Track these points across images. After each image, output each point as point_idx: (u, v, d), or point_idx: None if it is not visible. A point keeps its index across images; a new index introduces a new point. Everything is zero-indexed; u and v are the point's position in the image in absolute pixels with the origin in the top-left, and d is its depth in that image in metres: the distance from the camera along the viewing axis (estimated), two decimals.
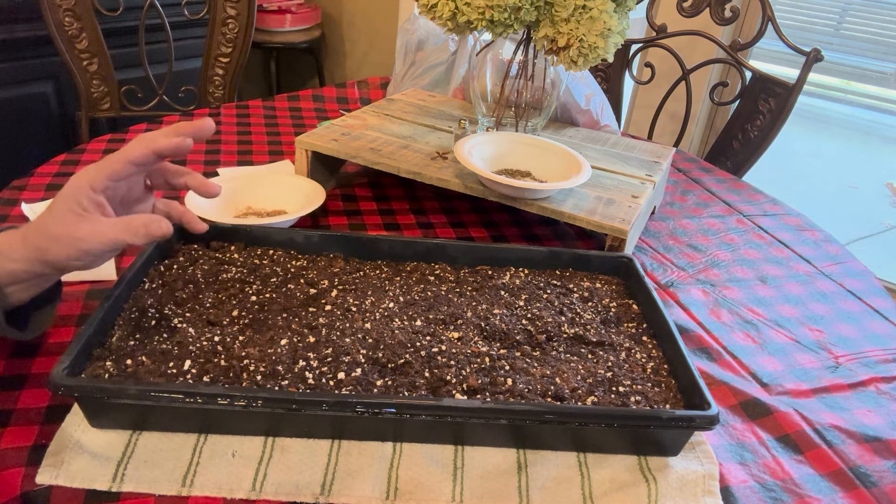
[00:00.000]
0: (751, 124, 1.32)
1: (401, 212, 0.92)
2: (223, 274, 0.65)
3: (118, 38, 1.57)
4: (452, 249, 0.73)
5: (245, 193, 0.85)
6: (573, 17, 0.77)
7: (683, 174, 1.14)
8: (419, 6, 0.82)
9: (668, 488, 0.52)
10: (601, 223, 0.79)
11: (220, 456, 0.51)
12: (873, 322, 0.78)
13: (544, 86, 0.93)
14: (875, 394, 0.66)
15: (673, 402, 0.56)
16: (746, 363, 0.69)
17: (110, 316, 0.57)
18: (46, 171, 0.93)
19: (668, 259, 0.87)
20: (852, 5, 1.93)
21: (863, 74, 1.99)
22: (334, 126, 0.96)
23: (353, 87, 1.36)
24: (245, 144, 1.08)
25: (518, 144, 0.90)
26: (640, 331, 0.65)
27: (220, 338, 0.56)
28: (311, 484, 0.50)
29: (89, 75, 1.51)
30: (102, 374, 0.51)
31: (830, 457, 0.58)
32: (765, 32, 1.26)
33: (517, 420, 0.52)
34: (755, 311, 0.78)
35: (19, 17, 1.65)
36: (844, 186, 2.41)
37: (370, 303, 0.63)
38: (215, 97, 1.64)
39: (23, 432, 0.51)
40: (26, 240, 0.52)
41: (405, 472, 0.52)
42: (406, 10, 2.32)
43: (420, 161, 0.89)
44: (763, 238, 0.95)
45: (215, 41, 1.58)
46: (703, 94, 1.82)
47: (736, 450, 0.58)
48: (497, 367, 0.57)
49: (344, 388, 0.53)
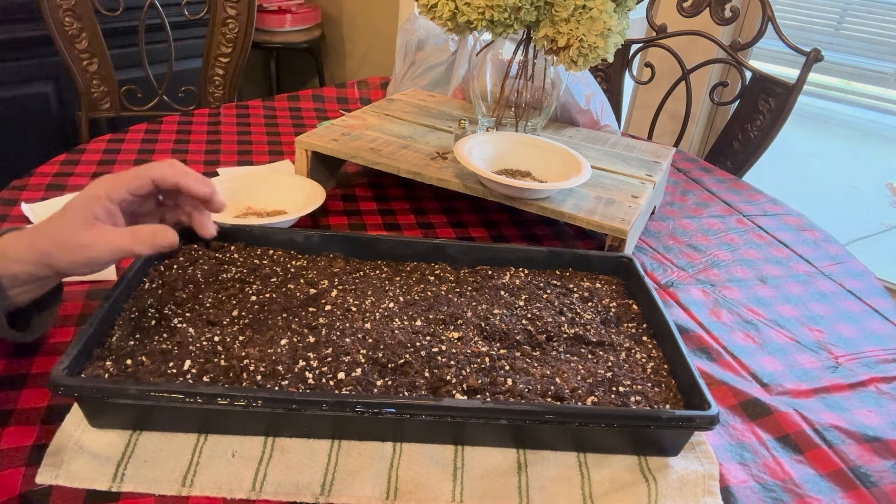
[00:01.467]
0: (751, 124, 1.32)
1: (401, 212, 0.92)
2: (223, 274, 0.65)
3: (118, 38, 1.57)
4: (452, 249, 0.73)
5: (245, 193, 0.85)
6: (573, 17, 0.77)
7: (683, 174, 1.14)
8: (419, 6, 0.82)
9: (668, 488, 0.52)
10: (601, 223, 0.79)
11: (220, 456, 0.51)
12: (873, 322, 0.78)
13: (544, 86, 0.93)
14: (875, 394, 0.66)
15: (673, 402, 0.56)
16: (746, 363, 0.69)
17: (110, 316, 0.57)
18: (46, 171, 0.93)
19: (668, 259, 0.87)
20: (852, 5, 1.93)
21: (863, 74, 1.99)
22: (334, 126, 0.96)
23: (353, 87, 1.36)
24: (245, 144, 1.08)
25: (518, 144, 0.90)
26: (640, 331, 0.65)
27: (220, 338, 0.56)
28: (311, 484, 0.50)
29: (89, 75, 1.51)
30: (102, 374, 0.51)
31: (830, 457, 0.58)
32: (765, 32, 1.26)
33: (517, 420, 0.52)
34: (755, 311, 0.78)
35: (19, 17, 1.65)
36: (844, 186, 2.41)
37: (370, 303, 0.63)
38: (215, 97, 1.64)
39: (23, 432, 0.51)
40: (33, 243, 0.52)
41: (405, 472, 0.52)
42: (406, 10, 2.32)
43: (420, 161, 0.89)
44: (763, 238, 0.95)
45: (215, 41, 1.58)
46: (703, 94, 1.83)
47: (736, 450, 0.58)
48: (497, 367, 0.57)
49: (344, 388, 0.53)
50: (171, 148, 1.04)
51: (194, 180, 0.57)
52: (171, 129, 1.11)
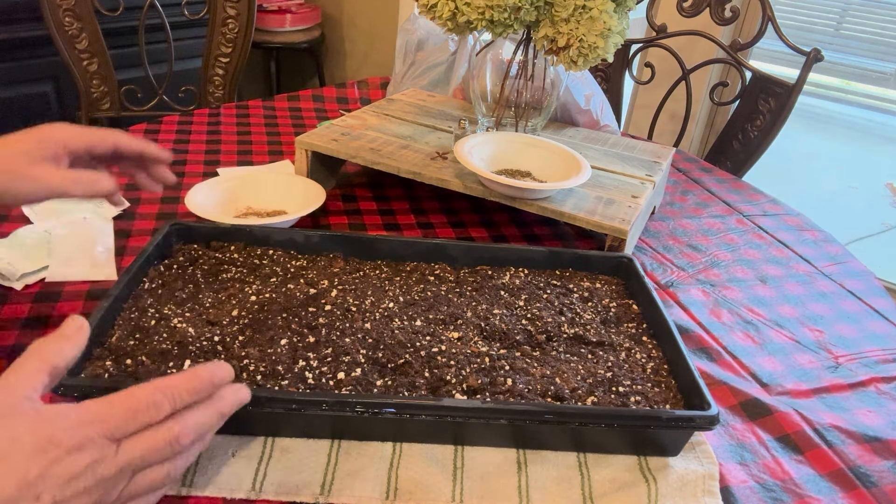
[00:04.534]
0: (751, 124, 1.32)
1: (401, 212, 0.92)
2: (223, 274, 0.65)
3: (118, 38, 1.57)
4: (452, 249, 0.73)
5: (245, 193, 0.85)
6: (573, 17, 0.77)
7: (683, 174, 1.14)
8: (419, 6, 0.82)
9: (668, 488, 0.52)
10: (601, 223, 0.79)
11: (219, 456, 0.51)
12: (873, 322, 0.78)
13: (544, 86, 0.93)
14: (875, 394, 0.66)
15: (673, 402, 0.56)
16: (746, 363, 0.69)
17: (110, 316, 0.57)
18: None
19: (668, 259, 0.87)
20: (852, 5, 1.93)
21: (863, 74, 1.99)
22: (334, 126, 0.96)
23: (353, 87, 1.36)
24: (245, 144, 1.08)
25: (518, 144, 0.90)
26: (639, 331, 0.65)
27: (219, 338, 0.56)
28: (311, 484, 0.50)
29: (89, 75, 1.51)
30: (102, 374, 0.51)
31: (830, 457, 0.58)
32: (765, 32, 1.26)
33: (517, 420, 0.52)
34: (755, 311, 0.78)
35: (19, 17, 1.65)
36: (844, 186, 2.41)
37: (370, 303, 0.63)
38: (215, 97, 1.64)
39: None
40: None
41: (405, 472, 0.52)
42: (406, 10, 2.32)
43: (420, 161, 0.89)
44: (763, 238, 0.95)
45: (215, 41, 1.58)
46: (703, 94, 1.82)
47: (736, 450, 0.58)
48: (497, 367, 0.57)
49: (344, 388, 0.53)
50: (171, 148, 1.04)
51: (156, 147, 0.62)
52: (171, 130, 1.11)
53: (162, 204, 0.86)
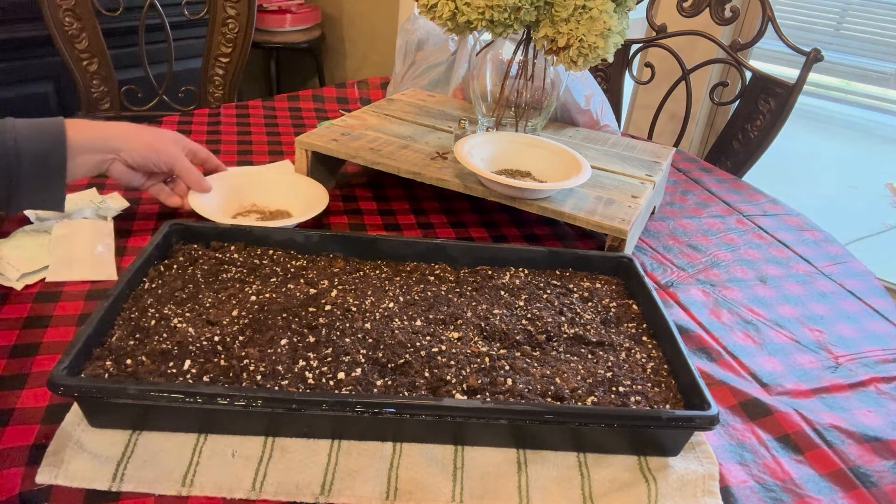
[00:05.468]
0: (751, 124, 1.32)
1: (401, 212, 0.92)
2: (223, 274, 0.65)
3: (118, 38, 1.57)
4: (452, 249, 0.73)
5: (248, 192, 0.85)
6: (573, 17, 0.77)
7: (683, 174, 1.14)
8: (419, 6, 0.82)
9: (668, 488, 0.52)
10: (601, 223, 0.79)
11: (219, 456, 0.51)
12: (873, 322, 0.78)
13: (544, 86, 0.93)
14: (875, 394, 0.66)
15: (673, 402, 0.56)
16: (746, 363, 0.69)
17: (110, 316, 0.57)
18: None
19: (668, 259, 0.87)
20: (852, 5, 1.93)
21: (863, 74, 1.99)
22: (334, 126, 0.96)
23: (353, 87, 1.36)
24: (245, 144, 1.08)
25: (518, 144, 0.90)
26: (639, 331, 0.65)
27: (219, 338, 0.56)
28: (311, 484, 0.50)
29: (89, 75, 1.51)
30: (102, 374, 0.51)
31: (830, 457, 0.58)
32: (765, 32, 1.26)
33: (517, 420, 0.52)
34: (755, 311, 0.78)
35: (19, 17, 1.65)
36: (844, 186, 2.41)
37: (370, 303, 0.63)
38: (215, 97, 1.64)
39: (22, 432, 0.51)
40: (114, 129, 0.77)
41: (405, 472, 0.52)
42: (406, 10, 2.32)
43: (420, 161, 0.89)
44: (763, 238, 0.95)
45: (215, 41, 1.58)
46: (703, 94, 1.83)
47: (736, 450, 0.58)
48: (497, 367, 0.57)
49: (344, 388, 0.53)
50: None
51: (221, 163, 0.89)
52: (171, 130, 1.10)
53: (162, 204, 0.86)
